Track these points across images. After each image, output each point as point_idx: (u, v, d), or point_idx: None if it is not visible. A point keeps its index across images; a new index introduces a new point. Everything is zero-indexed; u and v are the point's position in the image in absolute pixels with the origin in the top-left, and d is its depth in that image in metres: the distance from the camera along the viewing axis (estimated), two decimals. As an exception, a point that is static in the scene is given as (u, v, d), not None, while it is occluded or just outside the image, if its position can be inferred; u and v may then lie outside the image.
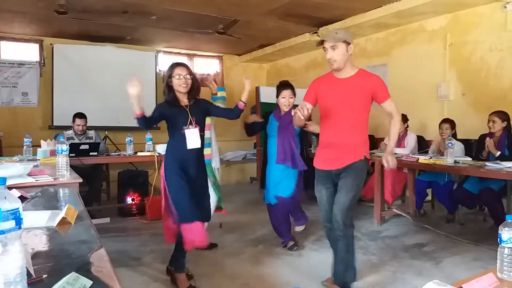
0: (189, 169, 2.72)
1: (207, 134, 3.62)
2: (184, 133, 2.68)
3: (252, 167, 7.28)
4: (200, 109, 2.82)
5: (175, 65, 2.75)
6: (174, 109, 2.72)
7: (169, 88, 2.73)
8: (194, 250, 3.34)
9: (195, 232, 2.61)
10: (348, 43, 2.44)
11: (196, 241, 2.64)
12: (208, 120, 3.56)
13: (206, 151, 3.28)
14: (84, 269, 0.96)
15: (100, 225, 4.12)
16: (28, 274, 0.84)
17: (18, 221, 0.78)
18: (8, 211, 0.76)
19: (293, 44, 6.64)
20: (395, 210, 4.63)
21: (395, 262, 3.26)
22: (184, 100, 2.77)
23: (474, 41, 4.74)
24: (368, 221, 4.45)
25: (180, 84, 2.68)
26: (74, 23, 5.59)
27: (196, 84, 2.78)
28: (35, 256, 1.07)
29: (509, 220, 1.17)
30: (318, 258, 3.34)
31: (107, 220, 4.54)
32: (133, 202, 4.85)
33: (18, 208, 0.79)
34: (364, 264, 3.18)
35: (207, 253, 3.46)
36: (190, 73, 2.74)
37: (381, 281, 2.86)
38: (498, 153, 3.73)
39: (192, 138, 2.72)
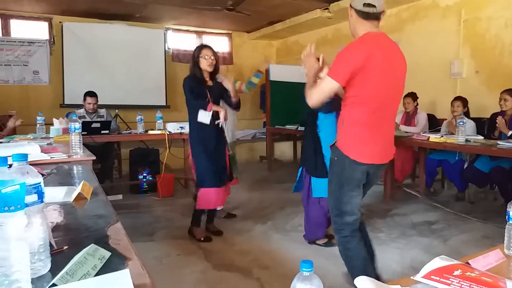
0: (211, 141, 3.17)
1: None
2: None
3: (261, 146, 7.30)
4: (217, 92, 3.21)
5: (203, 47, 3.14)
6: (200, 87, 3.13)
7: (198, 66, 3.12)
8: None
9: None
10: (351, 7, 2.02)
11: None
12: None
13: None
14: (102, 242, 1.00)
15: (113, 201, 4.18)
16: (50, 245, 0.88)
17: (40, 195, 0.82)
18: (31, 185, 0.79)
19: (303, 21, 6.53)
20: (405, 189, 4.64)
21: (403, 239, 3.29)
22: (207, 80, 3.19)
23: (489, 17, 4.61)
24: (377, 199, 4.48)
25: (207, 64, 3.09)
26: (83, 1, 5.56)
27: (217, 65, 3.17)
28: (55, 229, 1.12)
29: (519, 198, 1.18)
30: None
31: (119, 197, 4.64)
32: (145, 180, 4.93)
33: (40, 183, 0.82)
34: (373, 241, 3.22)
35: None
36: (215, 54, 3.14)
37: (389, 258, 2.90)
38: (510, 132, 3.69)
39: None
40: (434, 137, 3.83)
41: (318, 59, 2.10)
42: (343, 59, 1.92)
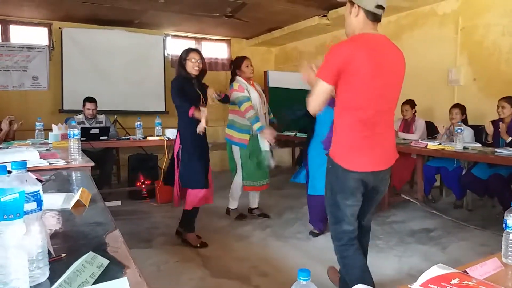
0: (203, 143, 3.26)
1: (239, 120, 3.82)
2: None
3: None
4: (204, 92, 3.27)
5: (190, 50, 3.21)
6: (190, 88, 3.17)
7: (184, 69, 3.17)
8: (204, 232, 3.43)
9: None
10: (352, 3, 1.90)
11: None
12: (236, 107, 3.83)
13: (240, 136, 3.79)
14: (100, 249, 1.01)
15: (111, 207, 4.20)
16: (48, 253, 0.88)
17: (39, 202, 0.82)
18: (29, 193, 0.79)
19: (302, 28, 6.57)
20: (403, 196, 4.64)
21: (402, 246, 3.29)
22: (194, 83, 3.22)
23: (486, 24, 4.65)
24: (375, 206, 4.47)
25: (194, 67, 3.14)
26: (82, 7, 5.59)
27: (204, 68, 3.23)
28: (53, 236, 1.12)
29: (516, 206, 1.18)
30: (325, 242, 3.38)
31: (118, 203, 4.63)
32: (143, 186, 4.92)
33: (38, 191, 0.82)
34: (371, 248, 3.19)
35: (216, 236, 3.53)
36: (202, 58, 3.21)
37: (387, 265, 2.89)
38: (510, 138, 3.70)
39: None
40: (432, 144, 3.84)
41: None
42: (327, 59, 1.87)
